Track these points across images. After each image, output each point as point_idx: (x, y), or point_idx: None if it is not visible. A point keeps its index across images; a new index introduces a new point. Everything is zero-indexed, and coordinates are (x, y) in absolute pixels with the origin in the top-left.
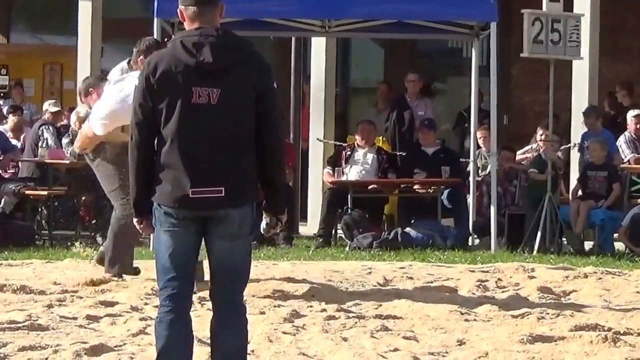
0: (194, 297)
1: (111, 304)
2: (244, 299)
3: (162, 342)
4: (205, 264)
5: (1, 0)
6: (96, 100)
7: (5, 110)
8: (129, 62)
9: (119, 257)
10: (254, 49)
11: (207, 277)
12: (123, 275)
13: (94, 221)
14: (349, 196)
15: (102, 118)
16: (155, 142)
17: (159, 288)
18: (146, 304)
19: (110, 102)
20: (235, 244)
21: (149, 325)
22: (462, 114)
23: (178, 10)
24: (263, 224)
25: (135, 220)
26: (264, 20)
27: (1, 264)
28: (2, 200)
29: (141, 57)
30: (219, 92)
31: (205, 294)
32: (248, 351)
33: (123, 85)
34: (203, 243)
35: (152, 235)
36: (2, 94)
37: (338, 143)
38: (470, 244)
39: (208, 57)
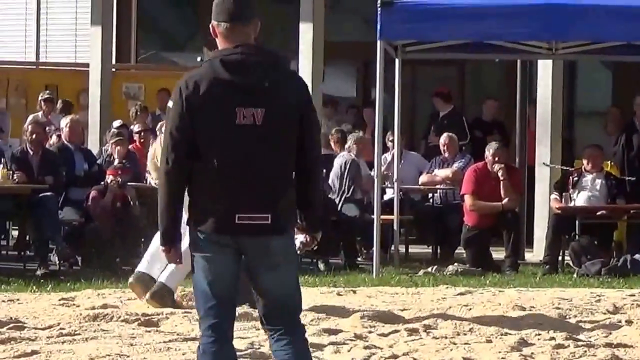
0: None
1: (334, 331)
2: (301, 321)
3: None
4: None
5: None
6: None
7: None
8: None
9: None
10: (290, 68)
11: None
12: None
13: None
14: (576, 222)
15: None
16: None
17: (200, 316)
18: (370, 331)
19: None
20: (280, 273)
21: (374, 354)
22: None
23: (210, 26)
24: (298, 243)
25: (162, 248)
26: (489, 43)
27: None
28: None
29: None
30: (263, 112)
31: None
32: None
33: None
34: None
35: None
36: None
37: (565, 168)
38: None
39: (251, 76)
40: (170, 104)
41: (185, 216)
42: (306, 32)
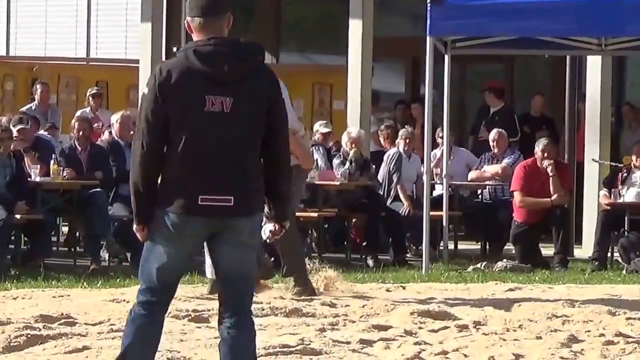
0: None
1: (384, 327)
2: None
3: (130, 340)
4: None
5: (270, 21)
6: None
7: None
8: None
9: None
10: (264, 61)
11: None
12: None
13: (364, 243)
14: (625, 218)
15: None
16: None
17: (140, 289)
18: (420, 327)
19: None
20: (244, 252)
21: (424, 350)
22: None
23: (185, 22)
24: (266, 231)
25: (136, 227)
26: (538, 38)
27: (272, 287)
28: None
29: None
30: (231, 101)
31: None
32: None
33: None
34: None
35: None
36: None
37: (614, 164)
38: None
39: (222, 67)
40: (145, 90)
41: None
42: (356, 28)
